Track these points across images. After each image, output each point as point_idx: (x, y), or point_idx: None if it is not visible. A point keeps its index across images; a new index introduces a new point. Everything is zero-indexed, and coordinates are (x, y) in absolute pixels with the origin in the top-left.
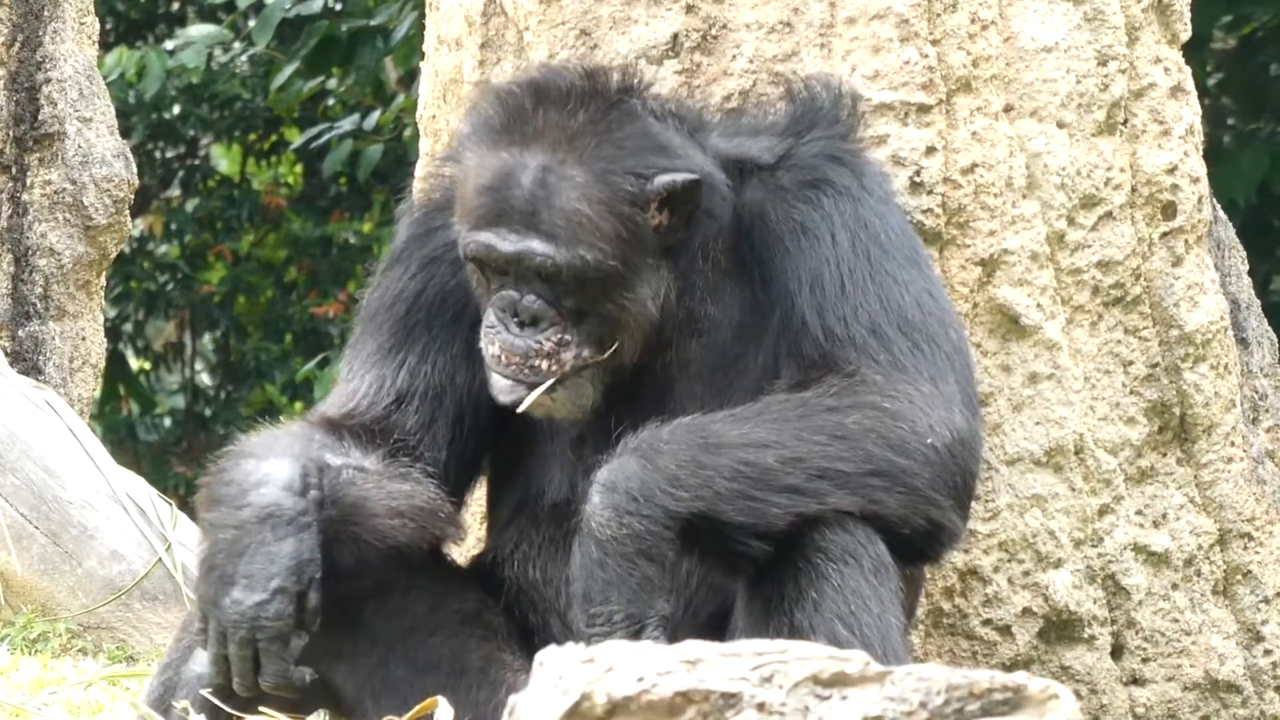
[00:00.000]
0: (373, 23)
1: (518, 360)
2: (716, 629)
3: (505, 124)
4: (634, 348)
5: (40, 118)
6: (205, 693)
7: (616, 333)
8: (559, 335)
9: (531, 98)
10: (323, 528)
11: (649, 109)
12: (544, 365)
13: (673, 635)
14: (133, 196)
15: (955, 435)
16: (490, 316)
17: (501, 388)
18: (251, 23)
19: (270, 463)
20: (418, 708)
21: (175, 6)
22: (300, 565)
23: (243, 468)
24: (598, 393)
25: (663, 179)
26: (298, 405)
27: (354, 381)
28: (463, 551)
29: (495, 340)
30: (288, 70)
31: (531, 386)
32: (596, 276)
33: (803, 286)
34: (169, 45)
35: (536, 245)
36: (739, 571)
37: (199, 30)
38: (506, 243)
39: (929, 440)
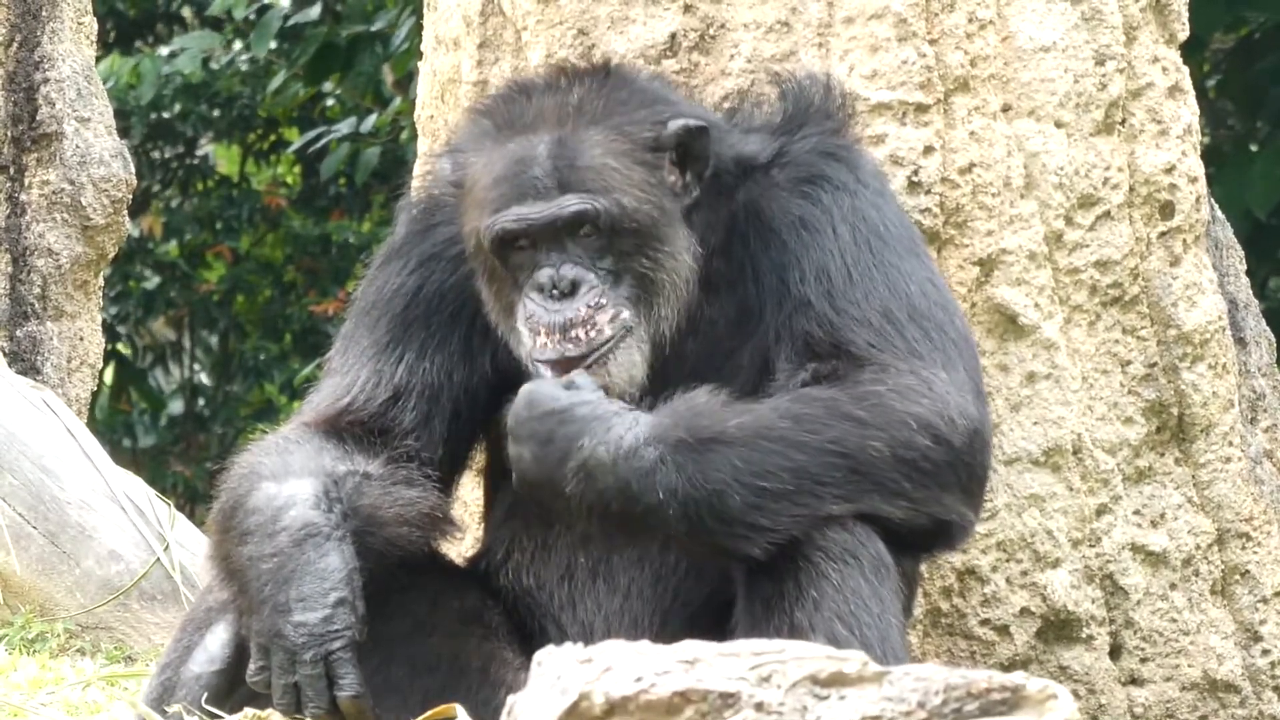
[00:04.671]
0: (372, 29)
1: (557, 338)
2: (706, 619)
3: (502, 123)
4: (672, 313)
5: (38, 118)
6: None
7: (654, 294)
8: (596, 299)
9: (520, 94)
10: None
11: (637, 73)
12: (582, 334)
13: (663, 625)
14: (131, 196)
15: (971, 426)
16: (527, 306)
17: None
18: (252, 33)
19: (291, 483)
20: (431, 712)
21: (175, 6)
22: (349, 574)
23: (263, 492)
24: (644, 364)
25: (676, 123)
26: (296, 405)
27: (348, 375)
28: (460, 551)
29: (540, 327)
30: (282, 75)
31: (571, 361)
32: (632, 226)
33: (806, 277)
34: (164, 51)
35: (572, 199)
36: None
37: (195, 36)
38: (538, 208)
39: (952, 439)
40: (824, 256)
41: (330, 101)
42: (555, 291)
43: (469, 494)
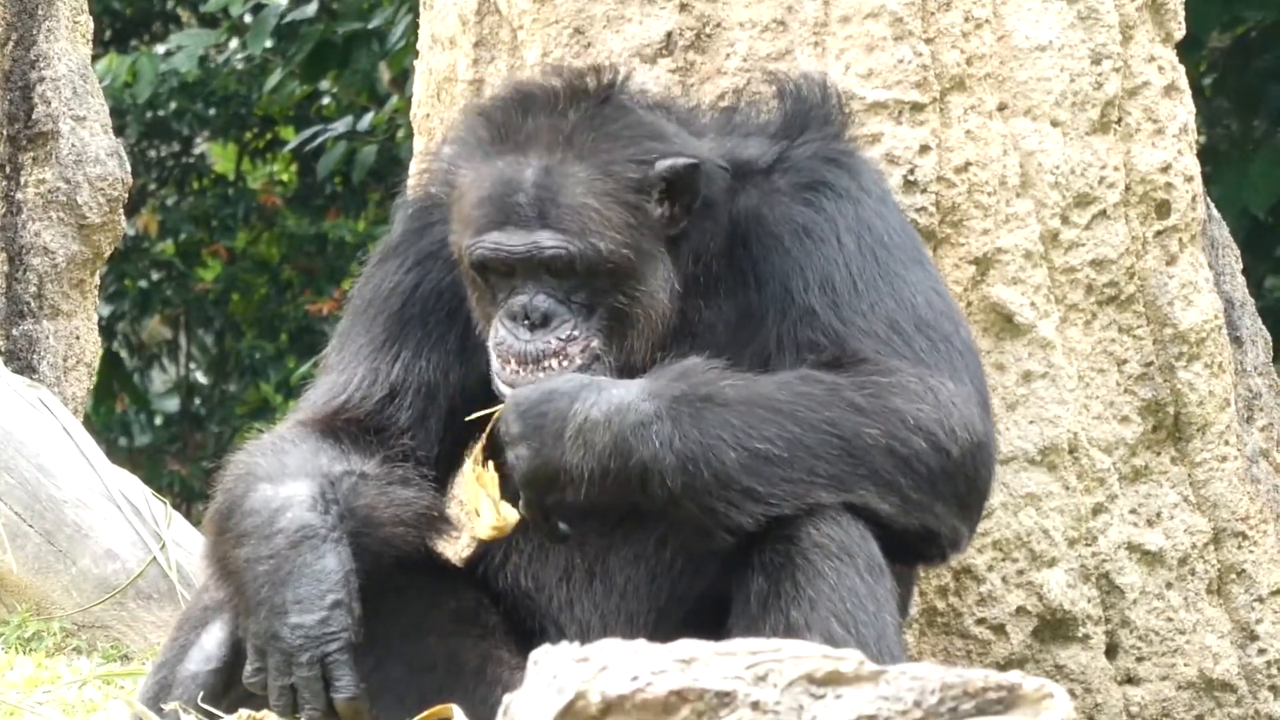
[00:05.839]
0: (369, 26)
1: (530, 368)
2: (702, 617)
3: (496, 136)
4: (644, 345)
5: (34, 116)
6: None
7: (626, 327)
8: (568, 331)
9: (518, 107)
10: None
11: (638, 102)
12: (554, 364)
13: (659, 624)
14: (127, 195)
15: (974, 440)
16: (499, 331)
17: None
18: (248, 20)
19: (288, 485)
20: (428, 712)
21: (171, 4)
22: (346, 576)
23: (260, 494)
24: None
25: (664, 164)
26: (292, 404)
27: (345, 373)
28: (456, 550)
29: (510, 355)
30: (279, 74)
31: None
32: (608, 268)
33: (811, 287)
34: (161, 49)
35: (547, 238)
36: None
37: (192, 34)
38: (516, 239)
39: (950, 449)
40: (829, 266)
41: (326, 100)
42: (527, 322)
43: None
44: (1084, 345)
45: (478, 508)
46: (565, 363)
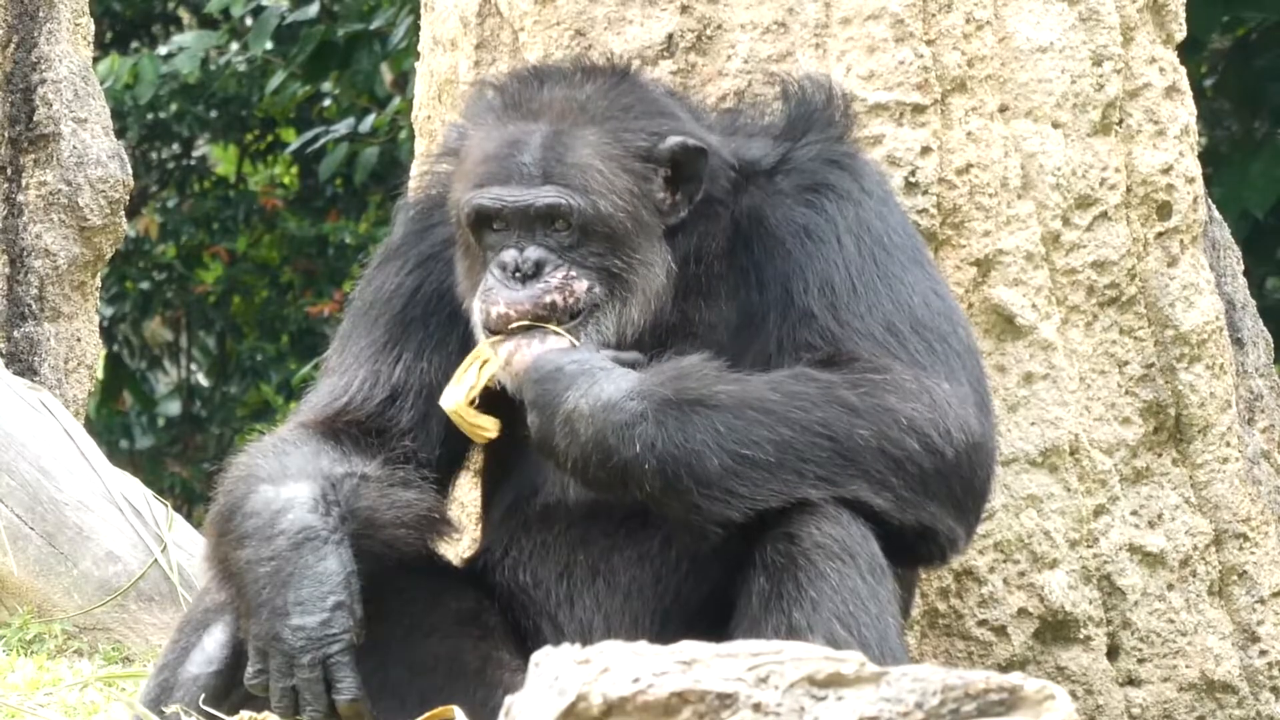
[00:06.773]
0: (370, 27)
1: (527, 309)
2: (705, 619)
3: (508, 103)
4: (639, 317)
5: (35, 119)
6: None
7: (623, 291)
8: (565, 272)
9: (534, 80)
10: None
11: (653, 86)
12: (558, 300)
13: (662, 625)
14: (128, 197)
15: (969, 440)
16: (487, 280)
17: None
18: (249, 23)
19: (289, 487)
20: (429, 714)
21: (171, 6)
22: (347, 578)
23: (261, 495)
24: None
25: (674, 139)
26: (293, 405)
27: (346, 375)
28: (457, 552)
29: (499, 299)
30: (280, 75)
31: (526, 328)
32: (605, 230)
33: (810, 288)
34: (162, 50)
35: (550, 191)
36: (704, 532)
37: (193, 36)
38: (516, 193)
39: (944, 450)
40: (828, 268)
41: (327, 102)
42: (518, 273)
43: (466, 495)
44: (1085, 347)
45: (460, 379)
46: (571, 298)
